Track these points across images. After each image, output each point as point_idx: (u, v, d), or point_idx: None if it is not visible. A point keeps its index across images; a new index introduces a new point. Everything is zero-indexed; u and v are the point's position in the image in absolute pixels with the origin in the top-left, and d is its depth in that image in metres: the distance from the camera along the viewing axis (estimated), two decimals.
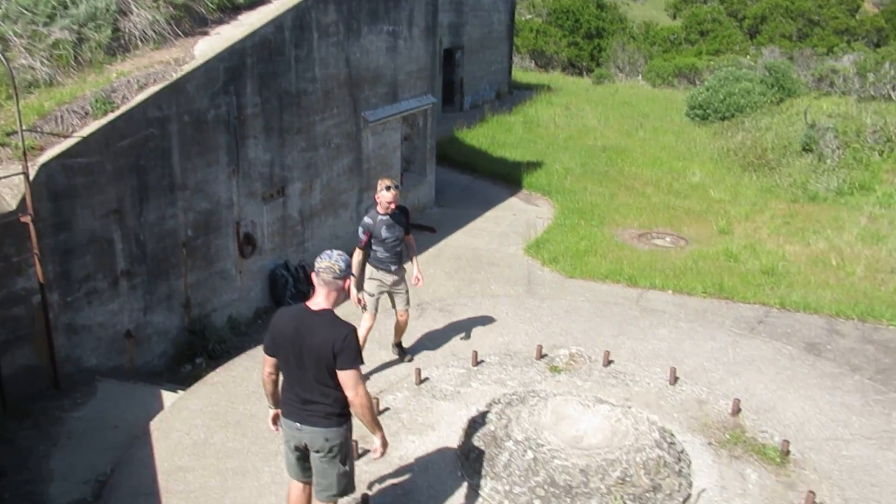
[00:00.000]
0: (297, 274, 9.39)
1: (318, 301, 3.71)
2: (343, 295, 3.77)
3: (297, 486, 4.02)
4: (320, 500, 3.88)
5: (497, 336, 6.97)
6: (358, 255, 5.85)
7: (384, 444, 3.88)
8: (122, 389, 6.18)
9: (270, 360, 3.82)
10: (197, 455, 5.11)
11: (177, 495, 4.71)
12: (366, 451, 5.13)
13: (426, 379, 6.12)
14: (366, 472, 4.97)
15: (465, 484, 4.83)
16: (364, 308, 6.02)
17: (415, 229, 11.79)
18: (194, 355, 7.21)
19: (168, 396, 5.95)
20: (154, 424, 5.42)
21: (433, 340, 6.89)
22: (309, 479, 3.95)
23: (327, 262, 3.69)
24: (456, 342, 6.84)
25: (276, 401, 3.95)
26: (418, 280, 6.11)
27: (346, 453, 3.85)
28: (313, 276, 3.73)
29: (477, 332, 7.08)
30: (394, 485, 4.84)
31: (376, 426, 3.81)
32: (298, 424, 3.75)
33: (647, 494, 4.57)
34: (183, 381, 6.60)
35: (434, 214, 13.17)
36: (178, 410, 5.59)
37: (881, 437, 5.48)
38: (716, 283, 9.16)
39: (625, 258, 10.11)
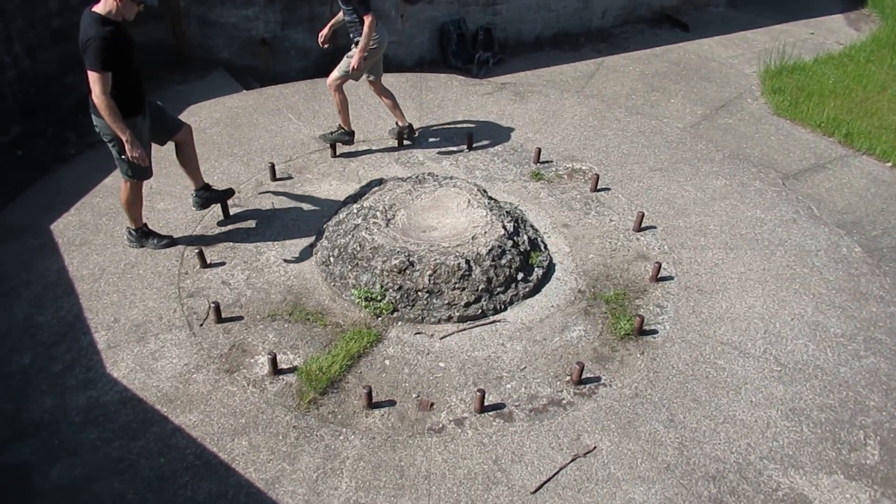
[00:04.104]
0: (472, 34, 9.42)
1: (98, 3, 4.28)
2: (122, 8, 4.21)
3: None
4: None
5: (528, 131, 6.60)
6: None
7: (129, 147, 4.39)
8: (224, 81, 7.59)
9: None
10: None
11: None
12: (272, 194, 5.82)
13: (409, 146, 6.30)
14: (265, 194, 5.70)
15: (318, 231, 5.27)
16: None
17: (666, 22, 10.65)
18: None
19: (241, 95, 7.15)
20: (192, 108, 6.72)
21: (465, 116, 6.78)
22: None
23: None
24: (479, 124, 6.65)
25: None
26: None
27: (122, 146, 4.54)
28: None
29: (514, 120, 6.74)
30: (270, 211, 5.50)
31: (117, 128, 4.34)
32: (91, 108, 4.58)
33: (419, 293, 4.54)
34: None
35: (710, 14, 11.60)
36: (220, 104, 6.79)
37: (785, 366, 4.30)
38: None
39: (878, 113, 8.06)
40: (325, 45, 5.87)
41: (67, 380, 4.05)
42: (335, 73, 5.69)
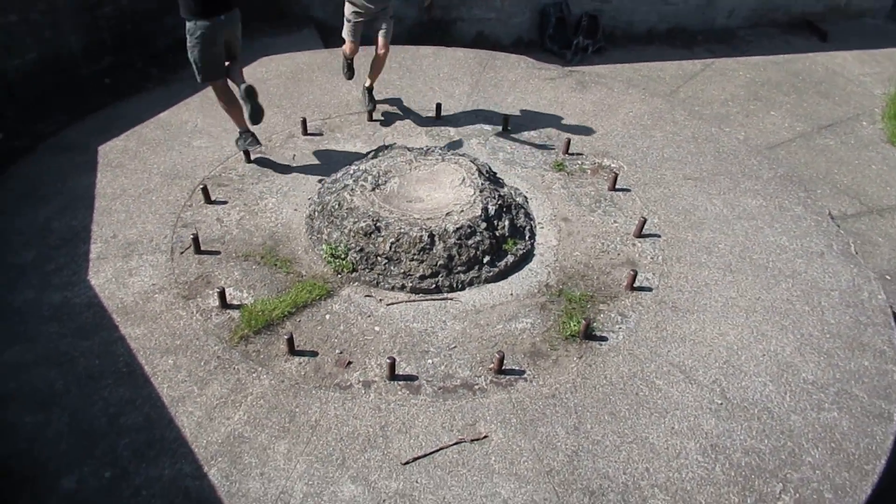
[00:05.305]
0: (575, 20, 9.23)
1: None
2: None
3: None
4: None
5: (573, 121, 6.43)
6: None
7: None
8: (310, 39, 8.03)
9: None
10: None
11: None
12: None
13: (445, 122, 6.36)
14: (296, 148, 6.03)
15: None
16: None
17: (804, 29, 9.82)
18: None
19: (313, 52, 7.54)
20: (263, 60, 7.18)
21: (516, 98, 6.71)
22: None
23: None
24: (527, 108, 6.57)
25: None
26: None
27: (193, 50, 5.09)
28: None
29: (563, 109, 6.57)
30: (289, 162, 5.82)
31: None
32: None
33: (379, 258, 4.69)
34: None
35: (861, 26, 10.63)
36: (289, 59, 7.22)
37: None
38: None
39: None
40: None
41: (53, 279, 4.58)
42: (387, 38, 5.81)
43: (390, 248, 4.63)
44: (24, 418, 3.79)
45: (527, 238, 4.99)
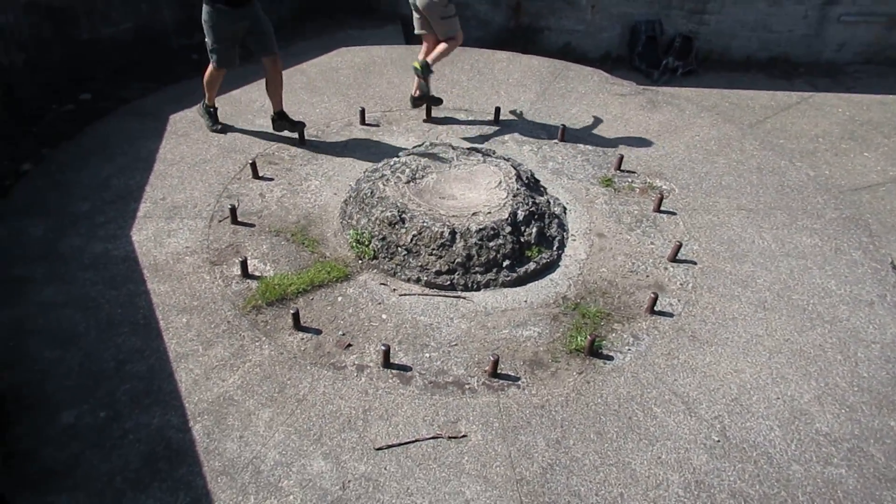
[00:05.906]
0: (668, 39, 9.05)
1: None
2: None
3: None
4: None
5: (634, 139, 6.31)
6: None
7: None
8: (394, 34, 8.23)
9: None
10: (322, 74, 7.04)
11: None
12: None
13: (502, 129, 6.39)
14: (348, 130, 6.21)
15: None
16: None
17: None
18: None
19: (389, 47, 7.74)
20: (341, 50, 7.43)
21: (580, 110, 6.65)
22: None
23: None
24: (590, 121, 6.49)
25: None
26: None
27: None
28: None
29: (627, 126, 6.46)
30: (340, 148, 6.01)
31: None
32: None
33: (399, 248, 4.77)
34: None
35: None
36: (365, 52, 7.43)
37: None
38: None
39: None
40: None
41: (100, 230, 4.91)
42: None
43: (411, 240, 4.67)
44: (43, 353, 4.07)
45: (554, 248, 4.92)
